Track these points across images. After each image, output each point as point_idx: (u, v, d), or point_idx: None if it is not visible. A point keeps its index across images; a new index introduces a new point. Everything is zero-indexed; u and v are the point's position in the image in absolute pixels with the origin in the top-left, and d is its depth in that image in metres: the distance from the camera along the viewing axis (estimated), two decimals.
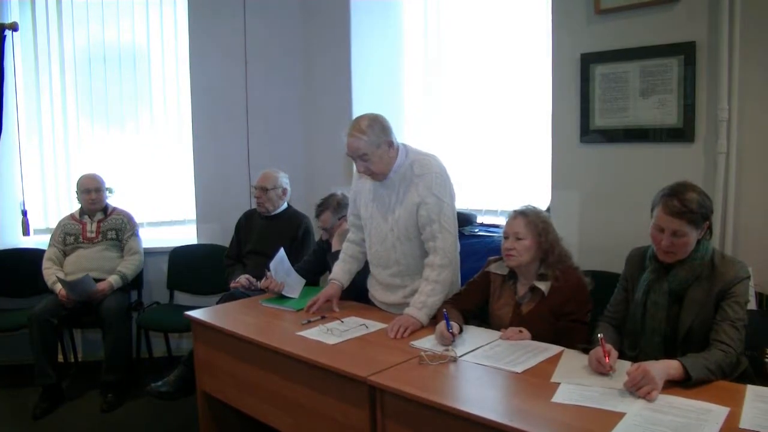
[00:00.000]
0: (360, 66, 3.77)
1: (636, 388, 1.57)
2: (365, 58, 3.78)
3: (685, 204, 1.76)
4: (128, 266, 3.49)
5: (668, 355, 1.71)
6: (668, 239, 1.79)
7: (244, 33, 3.90)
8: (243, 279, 3.04)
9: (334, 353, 1.99)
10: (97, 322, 3.29)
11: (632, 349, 1.92)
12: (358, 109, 3.58)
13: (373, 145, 2.22)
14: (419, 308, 2.21)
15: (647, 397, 1.55)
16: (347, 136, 2.25)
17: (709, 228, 1.83)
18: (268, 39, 3.96)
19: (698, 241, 1.81)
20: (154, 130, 4.13)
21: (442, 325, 2.03)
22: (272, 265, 2.65)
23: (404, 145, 2.36)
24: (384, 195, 2.36)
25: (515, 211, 2.19)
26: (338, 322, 2.29)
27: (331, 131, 3.84)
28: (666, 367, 1.60)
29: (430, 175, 2.26)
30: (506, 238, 2.16)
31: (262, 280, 2.75)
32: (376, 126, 2.24)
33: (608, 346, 1.73)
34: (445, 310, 2.07)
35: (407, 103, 3.87)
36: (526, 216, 2.15)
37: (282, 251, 2.72)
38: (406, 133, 3.79)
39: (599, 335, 1.75)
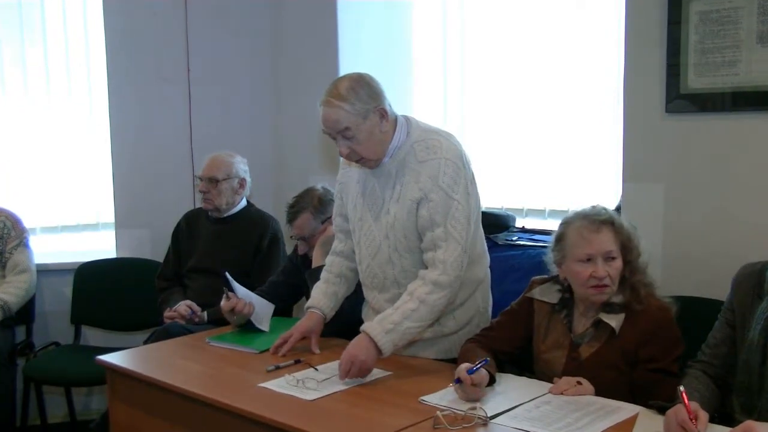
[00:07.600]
0: (351, 6, 3.81)
1: None
2: None
3: None
4: (12, 291, 3.50)
5: None
6: None
7: None
8: (182, 307, 3.08)
9: (312, 413, 2.00)
10: None
11: (746, 413, 1.91)
12: (347, 68, 3.60)
13: (357, 116, 2.25)
14: (385, 329, 2.21)
15: None
16: (321, 104, 2.27)
17: None
18: None
19: None
20: (52, 95, 4.13)
21: (463, 369, 2.02)
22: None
23: (406, 118, 2.39)
24: (376, 188, 2.39)
25: (596, 220, 2.15)
26: (318, 369, 2.31)
27: (310, 98, 3.78)
28: None
29: (437, 161, 2.28)
30: (588, 260, 2.12)
31: (222, 302, 2.74)
32: (361, 89, 2.26)
33: (694, 405, 1.70)
34: (486, 358, 2.05)
35: (417, 63, 3.90)
36: (613, 225, 2.15)
37: (229, 278, 2.70)
38: (415, 106, 3.83)
39: (680, 388, 1.73)
